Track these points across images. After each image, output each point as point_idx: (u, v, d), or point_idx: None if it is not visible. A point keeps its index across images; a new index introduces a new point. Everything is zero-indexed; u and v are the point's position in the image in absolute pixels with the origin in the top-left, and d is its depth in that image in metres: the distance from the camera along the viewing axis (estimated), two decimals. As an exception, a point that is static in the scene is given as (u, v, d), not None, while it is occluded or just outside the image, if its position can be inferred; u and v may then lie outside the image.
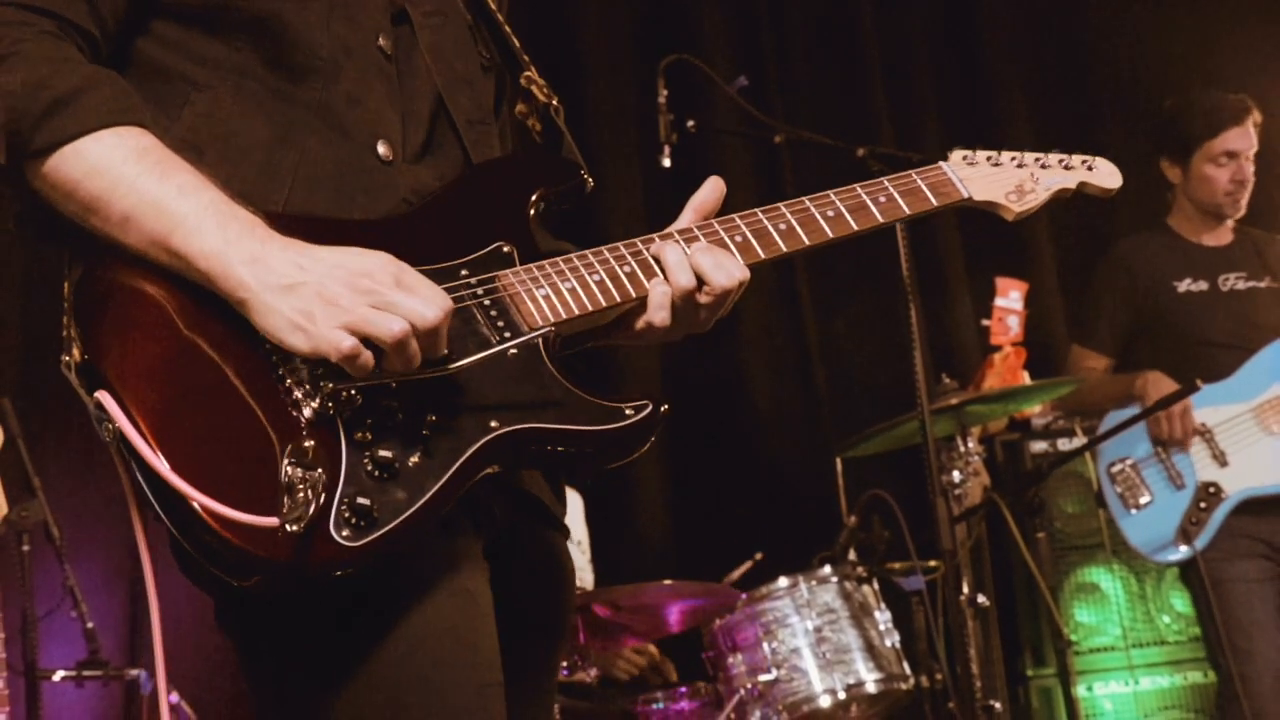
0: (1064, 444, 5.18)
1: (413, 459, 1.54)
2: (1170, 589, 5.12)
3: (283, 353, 1.54)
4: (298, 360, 1.54)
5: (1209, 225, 4.81)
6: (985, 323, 5.04)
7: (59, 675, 4.24)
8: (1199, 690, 5.08)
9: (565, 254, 1.77)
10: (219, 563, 1.48)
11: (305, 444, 1.47)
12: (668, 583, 4.40)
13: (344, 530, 1.48)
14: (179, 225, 1.55)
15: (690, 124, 4.57)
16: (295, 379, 1.54)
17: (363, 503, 1.48)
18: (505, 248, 1.75)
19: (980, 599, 4.06)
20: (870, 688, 4.29)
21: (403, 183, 1.75)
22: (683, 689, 4.56)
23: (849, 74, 6.43)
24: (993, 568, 4.91)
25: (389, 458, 1.52)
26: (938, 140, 6.21)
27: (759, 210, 1.85)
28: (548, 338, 1.68)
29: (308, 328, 1.52)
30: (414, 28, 1.85)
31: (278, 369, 1.55)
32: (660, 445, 1.75)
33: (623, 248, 1.78)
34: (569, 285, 1.72)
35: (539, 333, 1.67)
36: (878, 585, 4.53)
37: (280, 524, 1.43)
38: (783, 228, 1.83)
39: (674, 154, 4.53)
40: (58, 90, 1.56)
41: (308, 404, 1.53)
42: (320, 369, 1.54)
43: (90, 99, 1.57)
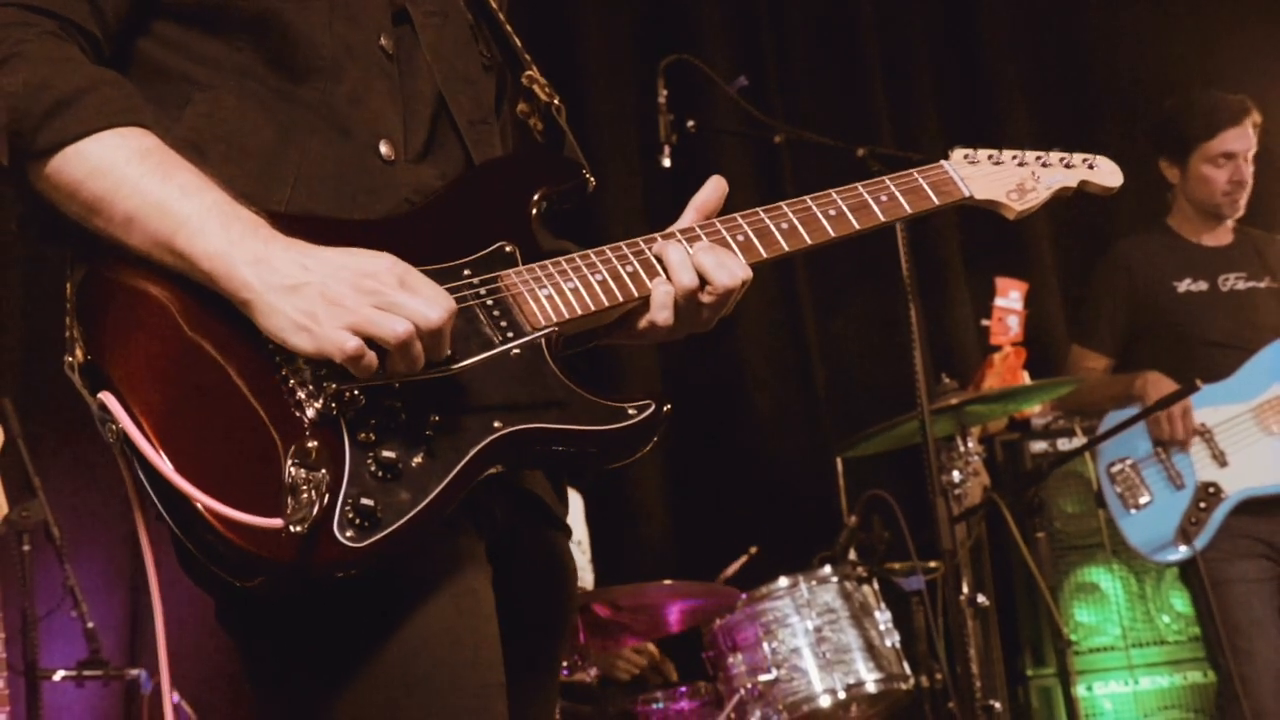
0: (1064, 444, 5.18)
1: (416, 459, 1.54)
2: (1170, 589, 5.13)
3: (286, 353, 1.54)
4: (301, 361, 1.54)
5: (1208, 225, 4.81)
6: (985, 323, 5.04)
7: (59, 675, 4.25)
8: (1199, 690, 5.08)
9: (567, 253, 1.77)
10: (222, 563, 1.48)
11: (308, 444, 1.47)
12: (668, 583, 4.41)
13: (348, 531, 1.47)
14: (182, 226, 1.54)
15: (690, 124, 4.58)
16: (298, 379, 1.54)
17: (366, 503, 1.48)
18: (507, 247, 1.74)
19: (980, 599, 4.07)
20: (870, 688, 4.29)
21: (405, 182, 1.75)
22: (683, 689, 4.56)
23: (849, 74, 6.43)
24: (992, 568, 4.92)
25: (392, 458, 1.52)
26: (938, 140, 6.21)
27: (761, 209, 1.85)
28: (550, 337, 1.68)
29: (311, 328, 1.51)
30: (415, 27, 1.84)
31: (280, 369, 1.55)
32: (660, 445, 1.74)
33: (625, 247, 1.78)
34: (571, 285, 1.72)
35: (542, 333, 1.67)
36: (878, 585, 4.53)
37: (284, 525, 1.43)
38: (785, 227, 1.83)
39: (674, 154, 4.54)
40: (60, 91, 1.56)
41: (311, 404, 1.53)
42: (323, 369, 1.54)
43: (92, 99, 1.57)
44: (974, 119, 6.48)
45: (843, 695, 4.26)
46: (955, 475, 4.43)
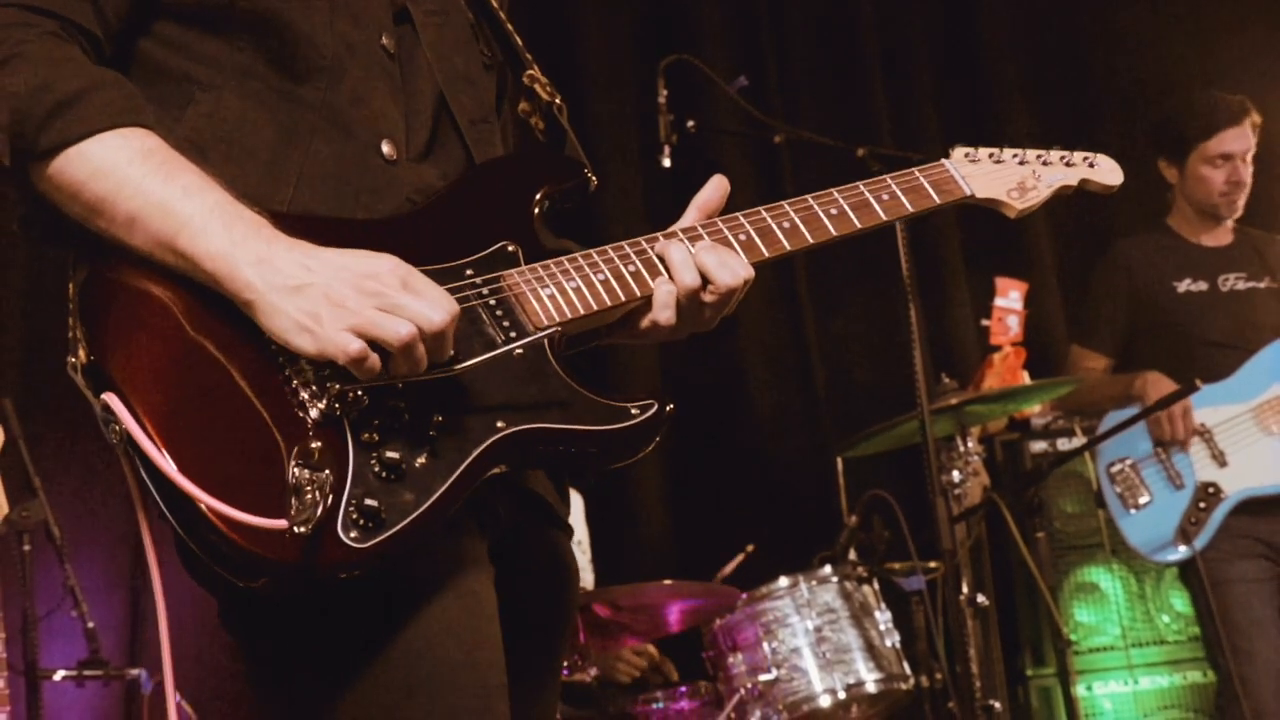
0: (1063, 444, 5.18)
1: (420, 460, 1.54)
2: (1170, 589, 5.13)
3: (289, 353, 1.54)
4: (304, 361, 1.54)
5: (1207, 226, 4.81)
6: (985, 323, 5.04)
7: (60, 675, 4.25)
8: (1198, 690, 5.08)
9: (569, 253, 1.77)
10: (226, 564, 1.47)
11: (312, 445, 1.47)
12: (668, 583, 4.41)
13: (352, 532, 1.47)
14: (185, 226, 1.54)
15: (690, 124, 4.58)
16: (301, 380, 1.54)
17: (370, 504, 1.48)
18: (510, 247, 1.74)
19: (980, 599, 4.07)
20: (870, 687, 4.29)
21: (407, 182, 1.74)
22: (683, 689, 4.56)
23: (849, 74, 6.43)
24: (992, 567, 4.92)
25: (396, 459, 1.51)
26: (938, 140, 6.21)
27: (763, 208, 1.84)
28: (553, 337, 1.68)
29: (314, 329, 1.51)
30: (416, 26, 1.84)
31: (284, 369, 1.54)
32: (660, 445, 1.74)
33: (627, 246, 1.78)
34: (574, 284, 1.72)
35: (545, 333, 1.67)
36: (878, 585, 4.53)
37: (288, 526, 1.43)
38: (786, 226, 1.83)
39: (674, 154, 4.54)
40: (62, 92, 1.55)
41: (314, 405, 1.53)
42: (326, 370, 1.54)
43: (94, 100, 1.57)
44: (974, 119, 6.48)
45: (843, 695, 4.26)
46: (955, 475, 4.44)
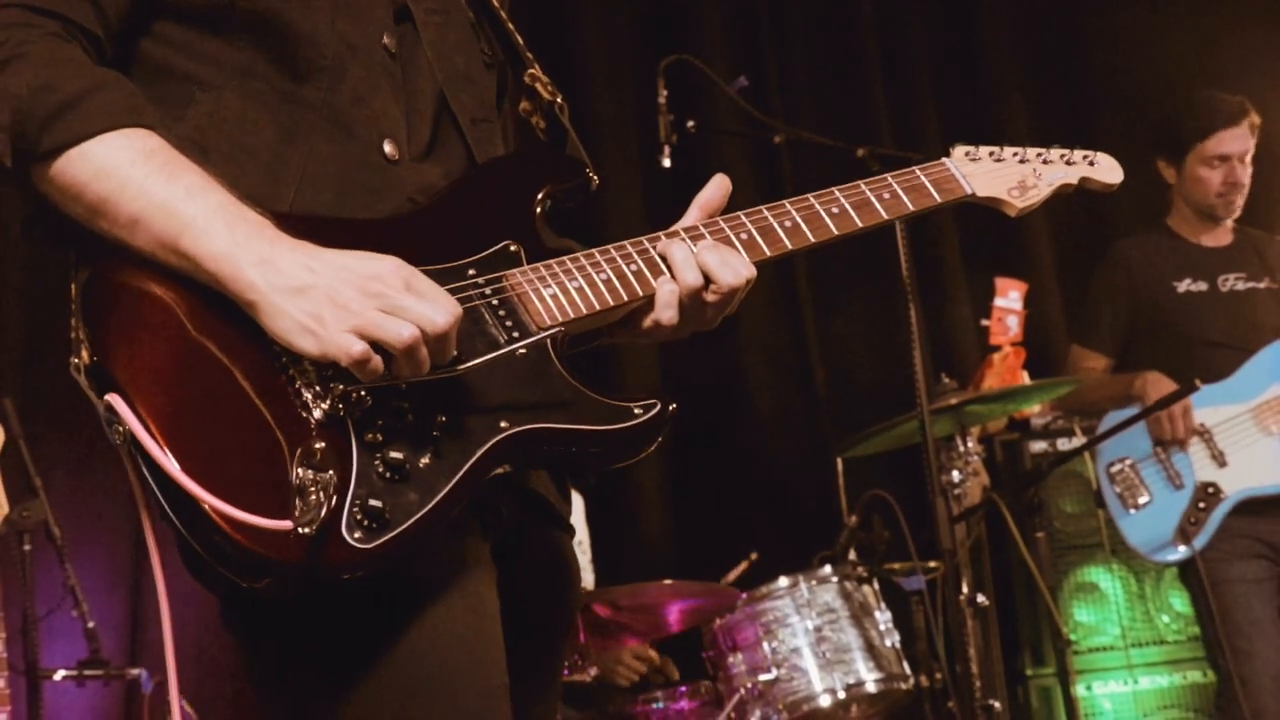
0: (1063, 444, 5.18)
1: (423, 460, 1.54)
2: (1169, 589, 5.13)
3: (292, 354, 1.54)
4: (307, 362, 1.54)
5: (1206, 226, 4.81)
6: (985, 323, 5.04)
7: (60, 674, 4.25)
8: (1198, 690, 5.08)
9: (571, 252, 1.77)
10: (229, 564, 1.47)
11: (315, 446, 1.47)
12: (668, 582, 4.41)
13: (356, 532, 1.47)
14: (188, 227, 1.54)
15: (690, 124, 4.58)
16: (304, 380, 1.54)
17: (375, 505, 1.48)
18: (512, 247, 1.74)
19: (980, 599, 4.07)
20: (870, 687, 4.29)
21: (409, 182, 1.74)
22: (683, 688, 4.57)
23: (849, 74, 6.43)
24: (992, 567, 4.92)
25: (400, 459, 1.51)
26: (938, 140, 6.21)
27: (764, 207, 1.84)
28: (556, 337, 1.68)
29: (317, 331, 1.51)
30: (417, 25, 1.84)
31: (287, 370, 1.54)
32: (660, 445, 1.75)
33: (629, 246, 1.77)
34: (576, 284, 1.72)
35: (548, 333, 1.67)
36: (878, 585, 4.54)
37: (293, 527, 1.43)
38: (788, 225, 1.83)
39: (674, 154, 4.54)
40: (64, 93, 1.55)
41: (318, 405, 1.52)
42: (330, 370, 1.53)
43: (96, 101, 1.56)
44: (974, 119, 6.48)
45: (843, 695, 4.26)
46: (955, 475, 4.44)
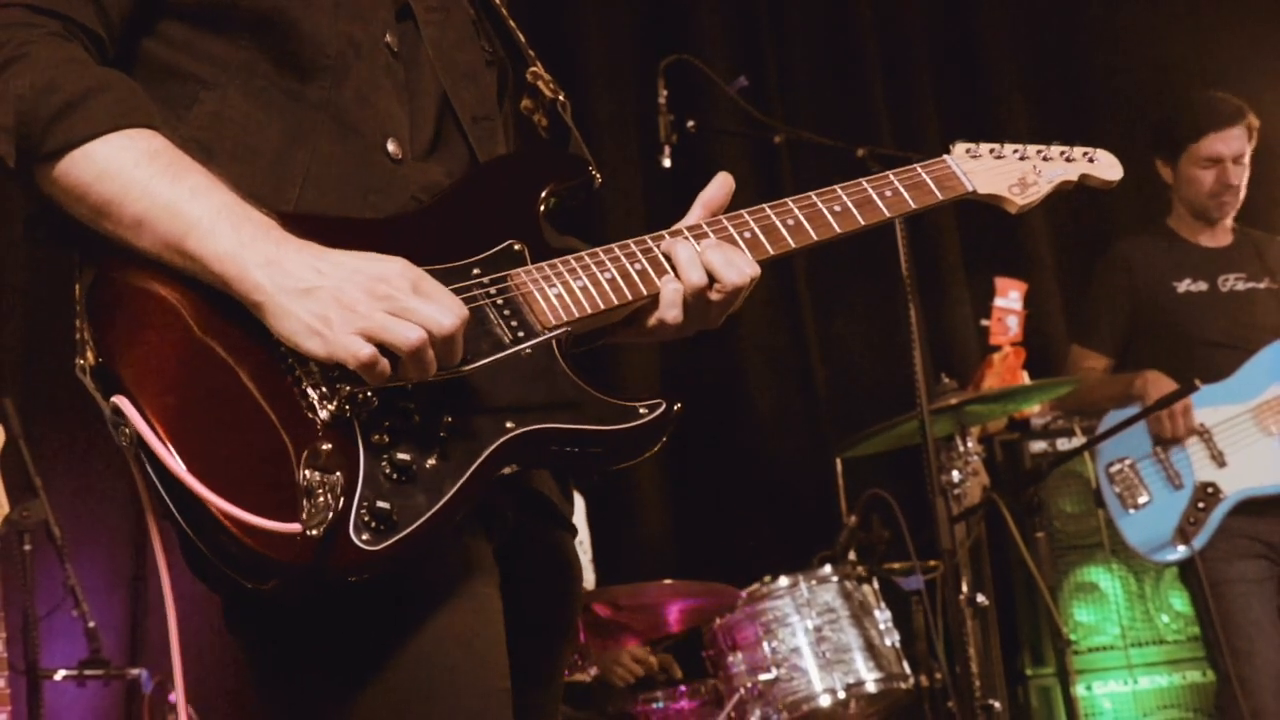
0: (1063, 444, 5.18)
1: (430, 461, 1.53)
2: (1169, 588, 5.13)
3: (298, 355, 1.53)
4: (313, 363, 1.53)
5: (1204, 226, 4.81)
6: (984, 323, 5.05)
7: (60, 674, 4.25)
8: (1198, 689, 5.09)
9: (574, 251, 1.77)
10: (235, 565, 1.47)
11: (322, 447, 1.46)
12: (668, 582, 4.42)
13: (363, 534, 1.46)
14: (193, 228, 1.53)
15: (690, 124, 4.57)
16: (310, 381, 1.53)
17: (382, 506, 1.47)
18: (516, 246, 1.74)
19: (979, 598, 4.07)
20: (870, 687, 4.30)
21: (412, 181, 1.74)
22: (683, 688, 4.57)
23: (849, 74, 6.43)
24: (992, 567, 4.92)
25: (407, 460, 1.51)
26: (938, 140, 6.20)
27: (767, 205, 1.84)
28: (561, 337, 1.67)
29: (324, 333, 1.50)
30: (418, 23, 1.84)
31: (293, 371, 1.54)
32: (662, 445, 1.75)
33: (633, 245, 1.77)
34: (581, 283, 1.72)
35: (554, 333, 1.66)
36: (877, 585, 4.54)
37: (302, 530, 1.43)
38: (790, 223, 1.83)
39: (674, 154, 4.54)
40: (67, 93, 1.54)
41: (324, 407, 1.52)
42: (336, 371, 1.53)
43: (99, 101, 1.56)
44: (974, 119, 6.48)
45: (842, 694, 4.26)
46: (955, 475, 4.44)
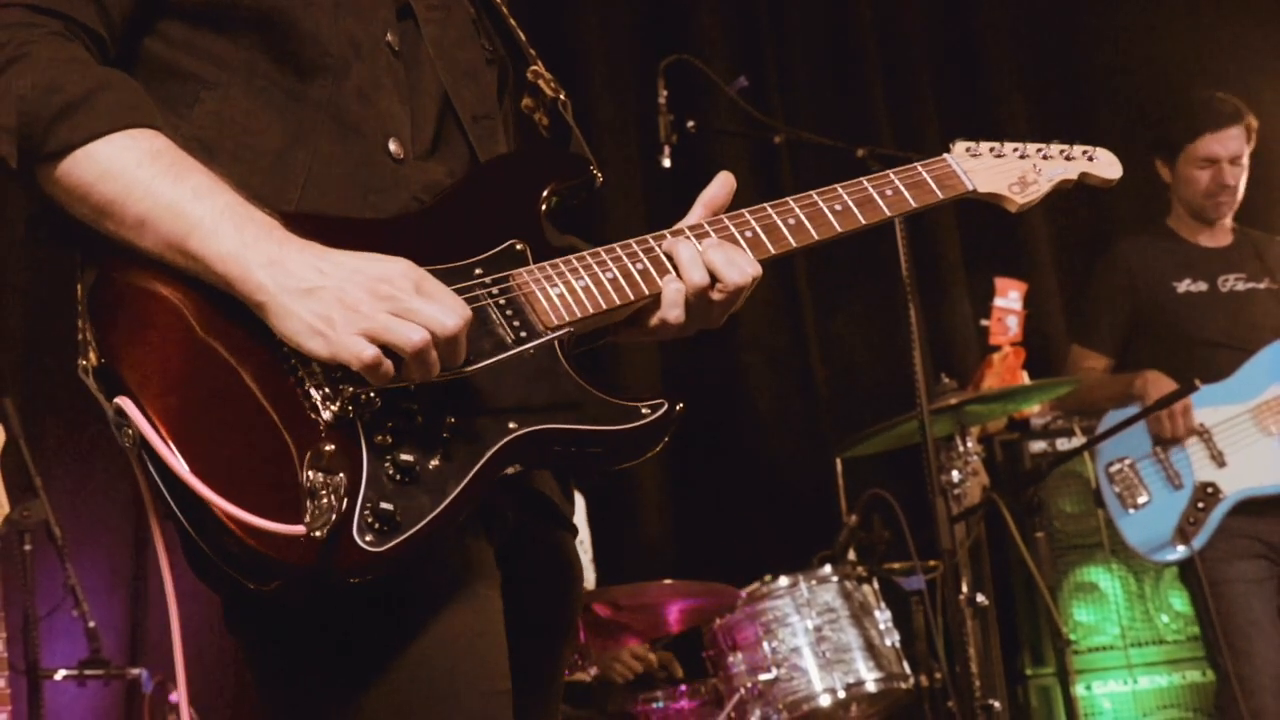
0: (1063, 444, 5.18)
1: (433, 462, 1.53)
2: (1169, 588, 5.13)
3: (300, 356, 1.53)
4: (315, 363, 1.53)
5: (1203, 226, 4.81)
6: (984, 323, 5.04)
7: (61, 674, 4.25)
8: (1197, 689, 5.09)
9: (575, 250, 1.77)
10: (238, 566, 1.47)
11: (325, 448, 1.46)
12: (668, 582, 4.42)
13: (367, 535, 1.46)
14: (196, 228, 1.53)
15: (690, 124, 4.57)
16: (313, 382, 1.53)
17: (385, 508, 1.47)
18: (518, 245, 1.73)
19: (979, 598, 4.07)
20: (870, 687, 4.30)
21: (414, 180, 1.74)
22: (683, 688, 4.57)
23: (849, 74, 6.43)
24: (992, 567, 4.92)
25: (410, 461, 1.51)
26: (938, 140, 6.20)
27: (768, 205, 1.84)
28: (563, 338, 1.67)
29: (327, 333, 1.50)
30: (418, 22, 1.83)
31: (296, 371, 1.54)
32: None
33: (635, 244, 1.77)
34: (583, 283, 1.71)
35: (558, 334, 1.66)
36: (878, 585, 4.54)
37: (306, 531, 1.43)
38: (792, 222, 1.83)
39: (674, 154, 4.54)
40: (69, 93, 1.54)
41: (327, 407, 1.52)
42: (339, 372, 1.53)
43: (101, 101, 1.56)
44: (974, 119, 6.47)
45: (843, 694, 4.26)
46: (955, 475, 4.44)
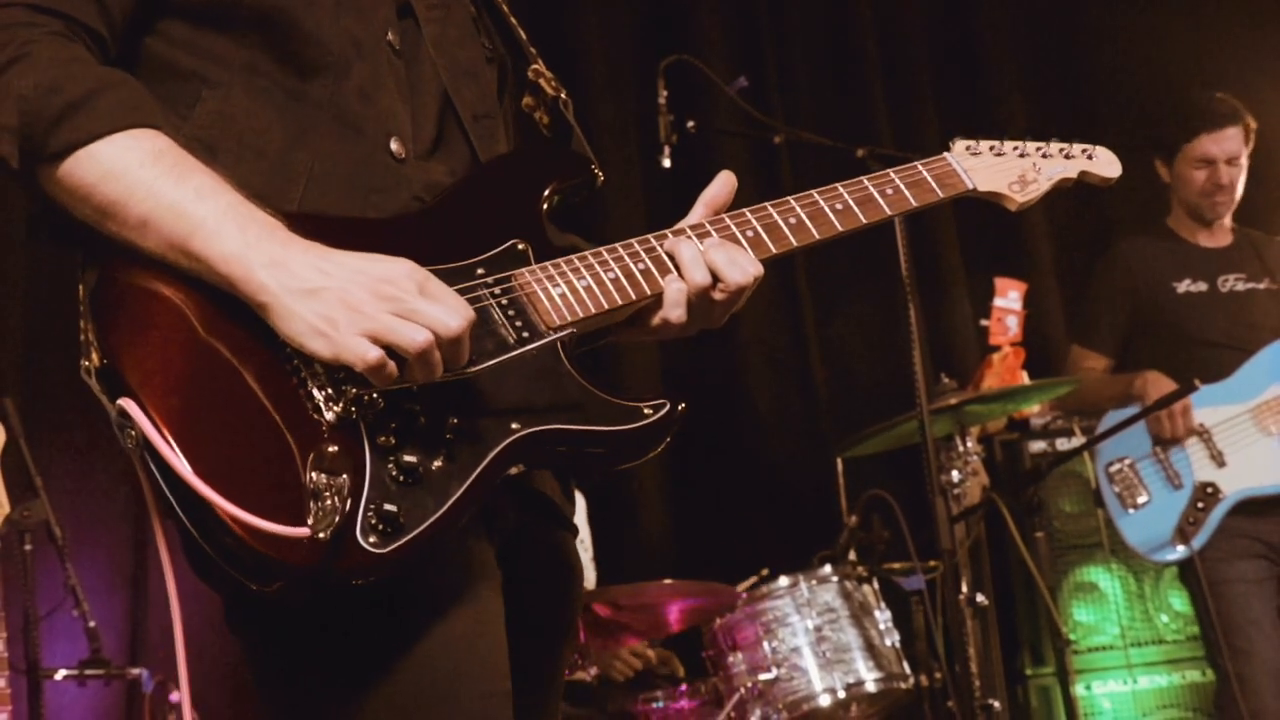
0: (1062, 444, 5.18)
1: (436, 463, 1.53)
2: (1169, 588, 5.14)
3: (303, 356, 1.53)
4: (318, 364, 1.53)
5: (1203, 226, 4.82)
6: (984, 323, 5.05)
7: (61, 674, 4.25)
8: (1197, 689, 5.09)
9: (577, 249, 1.76)
10: (241, 567, 1.46)
11: (328, 449, 1.46)
12: (668, 582, 4.42)
13: (371, 537, 1.46)
14: (198, 228, 1.53)
15: (690, 124, 4.57)
16: (316, 383, 1.53)
17: (389, 509, 1.47)
18: (520, 245, 1.73)
19: (979, 598, 4.08)
20: (870, 687, 4.30)
21: (415, 180, 1.74)
22: (683, 687, 4.57)
23: (849, 74, 6.43)
24: (992, 567, 4.93)
25: (413, 462, 1.50)
26: (937, 140, 6.17)
27: (769, 204, 1.84)
28: (565, 339, 1.66)
29: (330, 334, 1.50)
30: (419, 21, 1.83)
31: (299, 372, 1.53)
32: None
33: (636, 244, 1.77)
34: (585, 283, 1.71)
35: (560, 335, 1.66)
36: (877, 585, 4.54)
37: (310, 533, 1.42)
38: (793, 221, 1.83)
39: (674, 154, 4.54)
40: (70, 94, 1.54)
41: (330, 408, 1.51)
42: (341, 373, 1.52)
43: (103, 101, 1.55)
44: (974, 119, 6.47)
45: (842, 694, 4.26)
46: (954, 475, 4.44)
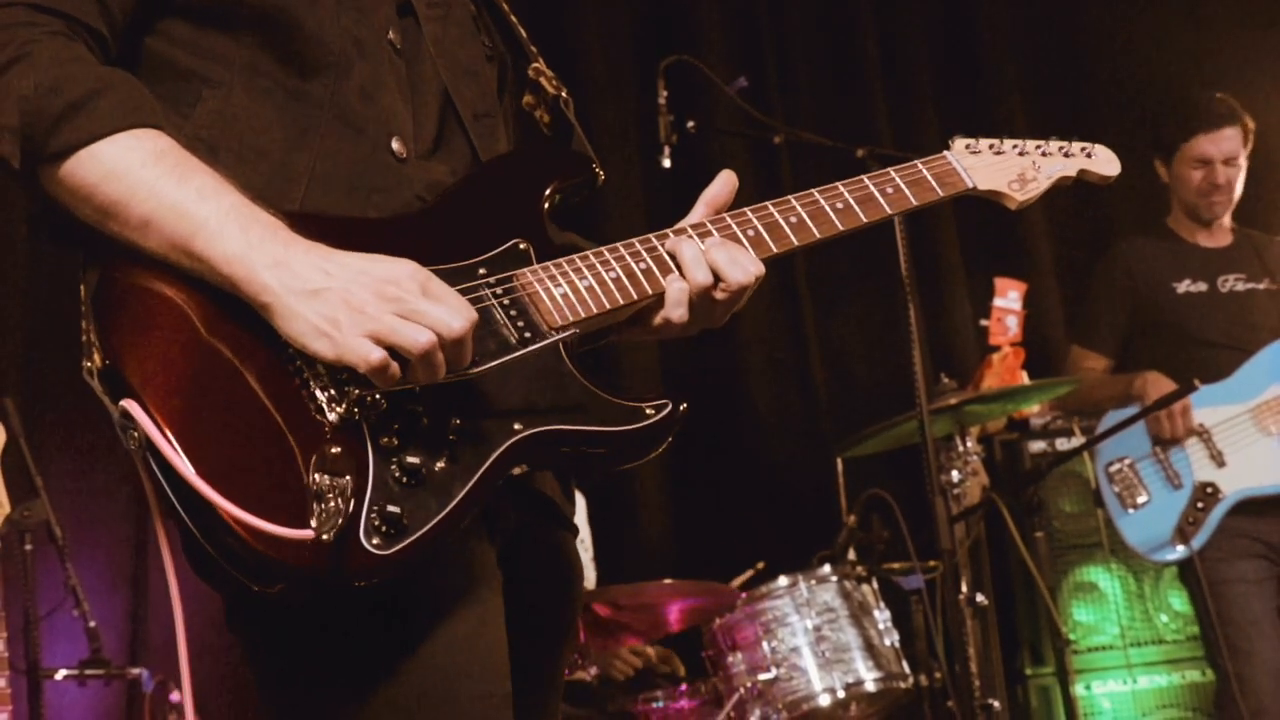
0: (1062, 444, 5.18)
1: (439, 464, 1.53)
2: (1168, 588, 5.14)
3: (305, 357, 1.53)
4: (320, 365, 1.53)
5: (1202, 226, 4.82)
6: (984, 323, 5.04)
7: (61, 674, 4.25)
8: (1197, 689, 5.09)
9: (577, 248, 1.76)
10: (243, 568, 1.46)
11: (331, 450, 1.45)
12: (668, 582, 4.42)
13: (374, 539, 1.46)
14: (200, 229, 1.52)
15: (690, 124, 4.57)
16: (319, 384, 1.53)
17: (392, 510, 1.47)
18: (521, 244, 1.73)
19: (979, 598, 4.08)
20: (869, 686, 4.30)
21: (416, 180, 1.73)
22: (683, 687, 4.57)
23: (849, 74, 6.43)
24: (991, 567, 4.93)
25: (416, 463, 1.50)
26: (937, 140, 6.13)
27: (769, 203, 1.84)
28: (567, 339, 1.66)
29: (333, 335, 1.50)
30: (419, 20, 1.83)
31: (301, 373, 1.53)
32: (663, 445, 1.75)
33: (638, 244, 1.76)
34: (586, 283, 1.71)
35: (563, 335, 1.66)
36: (877, 584, 4.54)
37: (314, 535, 1.42)
38: (793, 220, 1.83)
39: (674, 154, 4.54)
40: (71, 94, 1.54)
41: (332, 409, 1.51)
42: (344, 374, 1.52)
43: (105, 101, 1.55)
44: (974, 119, 6.46)
45: (842, 694, 4.26)
46: (954, 475, 4.44)
